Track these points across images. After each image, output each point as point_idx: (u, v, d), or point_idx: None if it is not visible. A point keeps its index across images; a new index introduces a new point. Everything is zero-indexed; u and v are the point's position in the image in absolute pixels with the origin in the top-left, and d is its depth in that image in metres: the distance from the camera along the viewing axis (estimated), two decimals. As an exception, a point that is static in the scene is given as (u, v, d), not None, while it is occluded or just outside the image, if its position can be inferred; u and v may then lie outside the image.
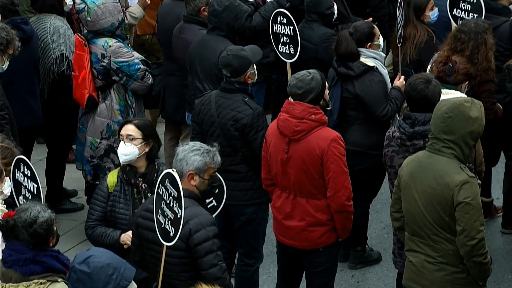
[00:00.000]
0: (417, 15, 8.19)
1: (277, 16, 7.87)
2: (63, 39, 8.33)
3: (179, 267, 5.66)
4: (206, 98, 7.13)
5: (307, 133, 6.43)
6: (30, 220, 5.08)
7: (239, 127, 6.91)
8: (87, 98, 8.03)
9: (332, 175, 6.37)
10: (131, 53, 8.11)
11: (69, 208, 8.80)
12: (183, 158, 5.77)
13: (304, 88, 6.41)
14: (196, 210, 5.70)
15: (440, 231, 5.57)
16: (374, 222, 8.35)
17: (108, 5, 7.97)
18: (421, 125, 6.31)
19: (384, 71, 7.71)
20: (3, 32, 7.42)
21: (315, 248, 6.55)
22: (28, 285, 5.05)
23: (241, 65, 6.95)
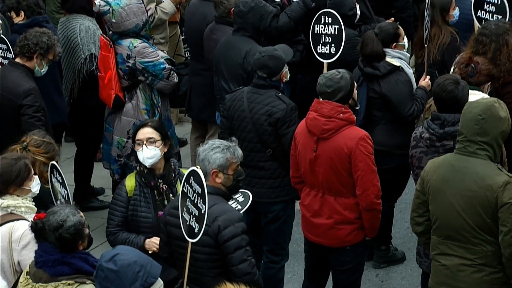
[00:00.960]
0: (443, 16, 8.18)
1: (321, 16, 7.82)
2: (93, 39, 8.40)
3: (208, 264, 5.65)
4: (238, 94, 7.17)
5: (336, 131, 6.42)
6: (57, 224, 5.10)
7: (272, 122, 6.96)
8: (114, 98, 8.06)
9: (360, 173, 6.36)
10: (156, 53, 8.12)
11: (97, 206, 8.84)
12: (205, 158, 5.77)
13: (333, 87, 6.42)
14: (224, 207, 5.71)
15: (481, 233, 5.51)
16: (398, 222, 8.33)
17: (132, 6, 7.99)
18: (451, 125, 6.27)
19: (409, 71, 7.69)
20: (45, 37, 7.47)
21: (342, 246, 6.54)
22: (56, 285, 5.08)
23: (276, 65, 7.03)
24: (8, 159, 5.82)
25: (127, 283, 4.67)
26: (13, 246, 5.56)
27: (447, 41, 8.13)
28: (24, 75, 7.47)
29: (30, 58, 7.52)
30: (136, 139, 6.33)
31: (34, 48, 7.47)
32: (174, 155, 8.27)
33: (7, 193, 5.74)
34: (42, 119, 7.38)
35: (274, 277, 7.21)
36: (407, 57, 7.74)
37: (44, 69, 7.61)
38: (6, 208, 5.67)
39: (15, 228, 5.58)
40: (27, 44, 7.47)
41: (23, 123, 7.36)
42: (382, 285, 7.64)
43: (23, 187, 5.78)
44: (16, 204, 5.70)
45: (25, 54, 7.50)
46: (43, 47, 7.48)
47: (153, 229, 6.19)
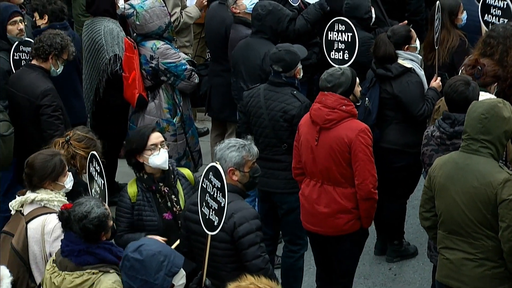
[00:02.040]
0: (451, 19, 8.21)
1: (334, 23, 7.80)
2: (116, 41, 8.43)
3: (224, 259, 5.72)
4: (255, 91, 7.25)
5: (337, 122, 6.55)
6: (81, 215, 5.16)
7: (287, 118, 7.04)
8: (137, 97, 8.12)
9: (360, 163, 6.47)
10: (178, 54, 8.17)
11: None
12: (221, 157, 5.83)
13: (333, 82, 6.57)
14: (240, 204, 5.76)
15: (482, 229, 5.56)
16: (411, 218, 8.32)
17: (156, 9, 8.06)
18: (461, 125, 6.25)
19: (421, 72, 7.71)
20: (58, 38, 7.50)
21: (340, 235, 6.63)
22: (81, 274, 5.14)
23: (292, 59, 7.10)
24: (44, 154, 5.89)
25: (152, 272, 4.75)
26: (45, 238, 5.62)
27: (456, 44, 8.16)
28: (41, 76, 7.50)
29: (45, 60, 7.54)
30: (150, 144, 6.17)
31: (48, 49, 7.50)
32: (195, 152, 8.43)
33: (41, 187, 5.80)
34: (60, 117, 7.40)
35: (294, 266, 7.27)
36: (419, 59, 7.77)
37: (60, 69, 7.62)
38: (40, 201, 5.73)
39: (48, 221, 5.64)
40: (42, 46, 7.50)
41: (42, 123, 7.40)
42: (395, 278, 7.68)
43: (57, 182, 5.84)
44: (50, 198, 5.76)
45: (41, 55, 7.53)
46: (57, 48, 7.51)
47: (159, 232, 6.13)
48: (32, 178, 5.81)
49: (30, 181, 5.83)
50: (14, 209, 5.83)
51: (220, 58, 8.71)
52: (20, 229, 5.71)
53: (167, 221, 6.20)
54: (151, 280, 4.73)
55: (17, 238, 5.69)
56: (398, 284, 7.65)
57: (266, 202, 7.25)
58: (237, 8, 8.38)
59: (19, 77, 7.57)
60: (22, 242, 5.66)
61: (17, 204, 5.80)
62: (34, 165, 5.82)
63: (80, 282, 5.12)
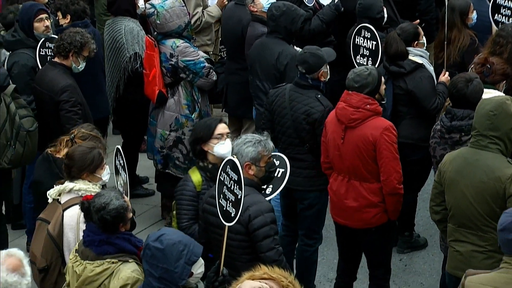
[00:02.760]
0: (462, 19, 8.21)
1: (361, 29, 7.78)
2: (136, 40, 8.48)
3: (240, 250, 5.74)
4: (281, 91, 7.23)
5: (362, 121, 6.53)
6: (100, 206, 5.20)
7: (310, 121, 7.02)
8: (157, 94, 8.13)
9: (384, 160, 6.46)
10: (196, 52, 8.19)
11: (141, 194, 8.97)
12: (238, 152, 5.83)
13: (360, 82, 6.54)
14: (256, 197, 5.78)
15: (491, 222, 5.58)
16: (421, 210, 8.34)
17: (176, 9, 8.08)
18: (459, 120, 6.36)
19: (430, 67, 7.74)
20: (78, 36, 7.54)
21: (368, 228, 6.63)
22: (101, 263, 5.18)
23: (315, 62, 7.06)
24: (83, 147, 5.95)
25: (172, 260, 4.78)
26: (80, 226, 5.64)
27: (467, 43, 8.16)
28: (62, 73, 7.52)
29: (66, 57, 7.55)
30: (217, 133, 6.23)
31: (69, 47, 7.52)
32: None
33: (80, 178, 5.85)
34: (78, 113, 7.43)
35: (309, 259, 7.30)
36: (427, 55, 7.79)
37: (81, 66, 7.64)
38: (78, 191, 5.78)
39: None
40: (62, 44, 7.52)
41: (61, 117, 7.43)
42: (406, 268, 7.70)
43: (95, 174, 5.89)
44: (87, 189, 5.80)
45: (61, 53, 7.55)
46: (77, 45, 7.53)
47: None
48: (71, 169, 5.87)
49: (69, 172, 5.88)
50: (52, 198, 5.88)
51: (236, 57, 8.73)
52: (56, 216, 5.77)
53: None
54: (171, 268, 4.75)
55: (53, 225, 5.75)
56: (408, 274, 7.67)
57: (288, 198, 7.26)
58: (255, 7, 8.42)
59: (42, 73, 7.62)
60: (58, 228, 5.71)
61: (55, 193, 5.86)
62: (73, 156, 5.87)
63: (100, 271, 5.16)
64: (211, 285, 5.16)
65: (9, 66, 7.75)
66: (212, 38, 9.72)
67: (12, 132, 6.98)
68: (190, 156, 8.21)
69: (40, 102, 7.59)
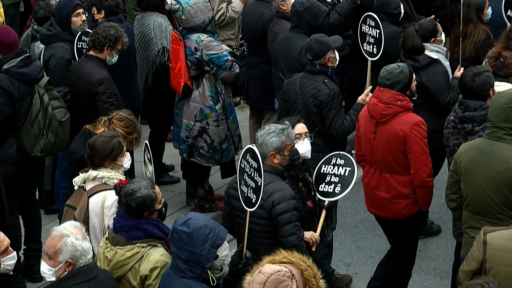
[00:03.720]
0: (478, 15, 8.21)
1: (367, 18, 7.83)
2: (164, 34, 8.49)
3: (262, 234, 5.79)
4: (292, 79, 7.34)
5: (393, 117, 6.55)
6: (127, 191, 5.22)
7: (317, 104, 7.11)
8: (183, 86, 8.15)
9: (414, 155, 6.47)
10: (220, 46, 8.21)
11: (167, 181, 8.98)
12: (263, 142, 5.85)
13: (392, 80, 6.56)
14: (279, 185, 5.81)
15: (505, 210, 5.61)
16: (435, 198, 8.07)
17: (200, 4, 8.09)
18: (472, 110, 6.37)
19: (446, 63, 7.73)
20: (112, 30, 7.56)
21: (399, 218, 6.65)
22: (131, 248, 5.20)
23: (320, 48, 7.14)
24: (104, 137, 5.98)
25: (198, 243, 4.77)
26: (104, 212, 5.70)
27: (482, 38, 8.16)
28: (97, 66, 7.54)
29: (101, 50, 7.57)
30: (296, 133, 6.04)
31: (103, 40, 7.53)
32: (236, 137, 8.42)
33: (102, 166, 5.89)
34: (114, 103, 7.45)
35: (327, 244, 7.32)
36: (444, 51, 7.79)
37: (115, 58, 7.67)
38: (101, 178, 5.82)
39: (107, 196, 5.73)
40: (98, 38, 7.55)
41: (98, 108, 7.45)
42: (420, 254, 7.63)
43: (116, 162, 5.92)
44: (110, 176, 5.84)
45: (97, 46, 7.56)
46: (111, 39, 7.56)
47: (302, 218, 5.93)
48: (93, 158, 5.90)
49: (92, 161, 5.91)
50: (77, 185, 5.93)
51: (257, 51, 8.77)
52: (82, 203, 5.81)
53: (309, 208, 6.08)
54: (198, 251, 4.77)
55: (79, 211, 5.79)
56: (422, 259, 7.68)
57: None
58: (284, 5, 8.46)
59: (78, 66, 7.67)
60: (84, 214, 5.74)
61: (80, 180, 5.91)
62: (95, 146, 5.90)
63: (130, 255, 5.18)
64: (235, 267, 5.15)
65: (46, 58, 7.81)
66: (236, 33, 9.74)
67: (45, 122, 7.04)
68: (214, 145, 8.29)
69: (76, 93, 7.65)
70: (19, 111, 6.99)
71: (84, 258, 4.84)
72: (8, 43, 7.05)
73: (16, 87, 6.95)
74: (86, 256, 4.85)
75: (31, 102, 6.99)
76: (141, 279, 5.17)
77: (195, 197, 8.48)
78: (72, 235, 4.83)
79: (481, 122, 6.28)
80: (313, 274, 4.33)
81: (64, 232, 4.84)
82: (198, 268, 4.82)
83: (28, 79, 6.99)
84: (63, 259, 4.80)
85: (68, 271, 4.83)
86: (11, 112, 6.96)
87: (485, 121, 5.98)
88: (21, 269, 7.18)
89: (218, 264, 4.91)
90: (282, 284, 4.25)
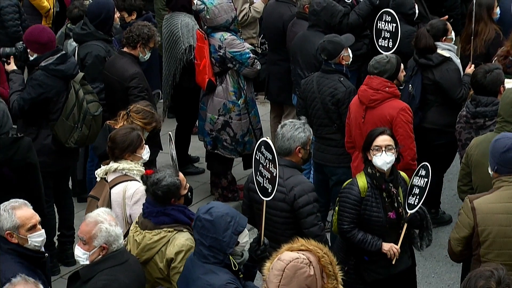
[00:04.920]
0: (489, 13, 8.20)
1: (383, 14, 7.83)
2: (191, 33, 8.49)
3: (284, 226, 5.83)
4: (309, 79, 7.38)
5: (381, 102, 6.66)
6: (153, 181, 5.26)
7: (334, 102, 7.16)
8: (207, 82, 8.18)
9: (399, 138, 6.48)
10: (242, 44, 8.23)
11: (193, 172, 9.00)
12: (290, 138, 5.88)
13: (379, 69, 6.68)
14: (299, 178, 5.85)
15: None
16: (446, 190, 8.35)
17: (223, 4, 8.12)
18: (483, 106, 6.40)
19: (457, 60, 7.75)
20: (145, 29, 7.61)
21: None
22: (159, 232, 5.25)
23: (334, 48, 7.18)
24: (124, 130, 6.03)
25: (220, 231, 4.78)
26: (126, 201, 5.76)
27: (492, 36, 8.15)
28: (130, 62, 7.56)
29: (134, 47, 7.59)
30: (375, 145, 5.87)
31: (137, 38, 7.56)
32: (257, 130, 8.44)
33: (122, 158, 5.94)
34: (145, 97, 7.44)
35: None
36: (455, 49, 7.81)
37: (147, 55, 7.70)
38: (122, 170, 5.87)
39: (128, 187, 5.78)
40: (131, 35, 7.60)
41: (130, 102, 7.38)
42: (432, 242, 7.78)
43: (135, 154, 5.95)
44: (130, 168, 5.88)
45: (130, 44, 7.58)
46: (144, 37, 7.60)
47: (383, 229, 5.83)
48: (114, 150, 5.94)
49: (113, 153, 5.95)
50: (100, 177, 5.98)
51: (277, 49, 8.79)
52: (104, 193, 5.84)
53: (390, 220, 5.87)
54: (220, 238, 4.77)
55: (102, 201, 5.81)
56: (434, 247, 7.66)
57: (320, 172, 7.39)
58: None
59: (113, 62, 7.73)
60: (106, 205, 5.74)
61: (102, 172, 5.94)
62: (115, 139, 5.94)
63: (157, 239, 5.23)
64: (253, 253, 5.17)
65: (82, 56, 7.87)
66: (257, 32, 9.75)
67: (80, 116, 7.12)
68: (237, 138, 8.33)
69: (110, 87, 7.71)
70: (55, 105, 7.08)
71: (117, 242, 4.91)
72: (42, 42, 7.14)
73: (52, 83, 7.04)
74: (118, 241, 4.92)
75: (67, 97, 7.07)
76: (167, 262, 5.21)
77: (219, 187, 8.53)
78: (106, 222, 4.89)
79: (492, 117, 6.30)
80: (329, 261, 4.35)
81: (99, 219, 4.90)
82: (220, 254, 4.82)
83: (64, 75, 7.08)
84: (97, 244, 4.87)
85: (102, 255, 4.90)
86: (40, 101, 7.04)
87: (496, 116, 5.99)
88: (55, 254, 7.29)
89: (239, 250, 4.91)
90: (300, 271, 4.27)
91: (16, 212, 5.00)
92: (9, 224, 4.98)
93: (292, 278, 4.25)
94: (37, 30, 7.31)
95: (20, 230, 4.98)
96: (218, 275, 4.78)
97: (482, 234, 5.10)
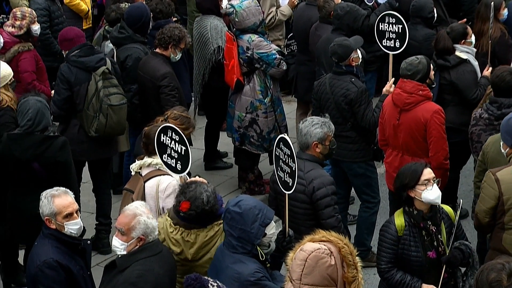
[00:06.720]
0: (495, 14, 8.13)
1: (385, 16, 7.69)
2: (220, 35, 8.51)
3: (304, 217, 5.86)
4: (322, 80, 7.37)
5: (415, 105, 6.63)
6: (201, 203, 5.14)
7: (347, 102, 7.15)
8: (235, 81, 8.21)
9: (433, 139, 6.54)
10: (269, 46, 8.24)
11: (221, 166, 9.04)
12: (307, 133, 5.90)
13: (412, 70, 6.64)
14: (319, 172, 5.87)
15: None
16: (463, 185, 8.32)
17: (251, 8, 8.13)
18: (507, 108, 6.39)
19: (475, 63, 7.69)
20: (176, 30, 7.67)
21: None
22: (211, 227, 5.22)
23: (343, 51, 7.16)
24: (157, 126, 5.97)
25: (249, 222, 4.81)
26: (159, 195, 5.74)
27: (498, 35, 8.13)
28: (162, 62, 7.60)
29: (166, 48, 7.63)
30: (424, 179, 5.33)
31: (168, 40, 7.60)
32: (282, 127, 8.44)
33: (156, 154, 5.85)
34: (176, 96, 7.53)
35: (368, 219, 7.40)
36: (473, 52, 7.75)
37: (178, 56, 7.73)
38: (155, 165, 5.85)
39: (161, 181, 5.77)
40: (163, 37, 7.63)
41: (161, 100, 7.54)
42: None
43: None
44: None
45: (162, 45, 7.62)
46: (175, 38, 7.63)
47: (423, 268, 5.39)
48: (148, 146, 5.91)
49: (147, 148, 5.94)
50: (134, 171, 5.99)
51: (306, 50, 8.79)
52: (139, 187, 5.83)
53: (430, 259, 5.40)
54: (248, 229, 4.81)
55: (137, 194, 5.80)
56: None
57: (337, 167, 7.42)
58: None
59: (145, 62, 7.78)
60: (141, 198, 5.74)
61: (137, 167, 5.94)
62: (150, 135, 5.89)
63: (213, 234, 5.21)
64: (279, 244, 5.20)
65: (123, 59, 7.92)
66: (283, 34, 9.75)
67: (97, 105, 7.24)
68: (263, 135, 8.38)
69: (143, 86, 7.77)
70: (77, 95, 7.19)
71: (153, 234, 4.95)
72: (68, 38, 7.38)
73: (74, 73, 7.18)
74: (154, 232, 4.96)
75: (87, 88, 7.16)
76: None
77: (246, 181, 8.57)
78: (144, 214, 4.93)
79: None
80: (349, 251, 4.36)
81: (137, 211, 4.94)
82: (249, 245, 4.85)
83: (85, 67, 7.20)
84: (135, 235, 4.90)
85: (139, 246, 4.94)
86: (68, 96, 7.20)
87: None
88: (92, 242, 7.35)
89: (266, 241, 4.94)
90: (322, 261, 4.28)
91: (55, 199, 5.11)
92: (47, 211, 5.12)
93: (314, 268, 4.27)
94: (65, 29, 7.63)
95: (57, 217, 5.10)
96: (246, 264, 4.81)
97: (508, 202, 5.27)
